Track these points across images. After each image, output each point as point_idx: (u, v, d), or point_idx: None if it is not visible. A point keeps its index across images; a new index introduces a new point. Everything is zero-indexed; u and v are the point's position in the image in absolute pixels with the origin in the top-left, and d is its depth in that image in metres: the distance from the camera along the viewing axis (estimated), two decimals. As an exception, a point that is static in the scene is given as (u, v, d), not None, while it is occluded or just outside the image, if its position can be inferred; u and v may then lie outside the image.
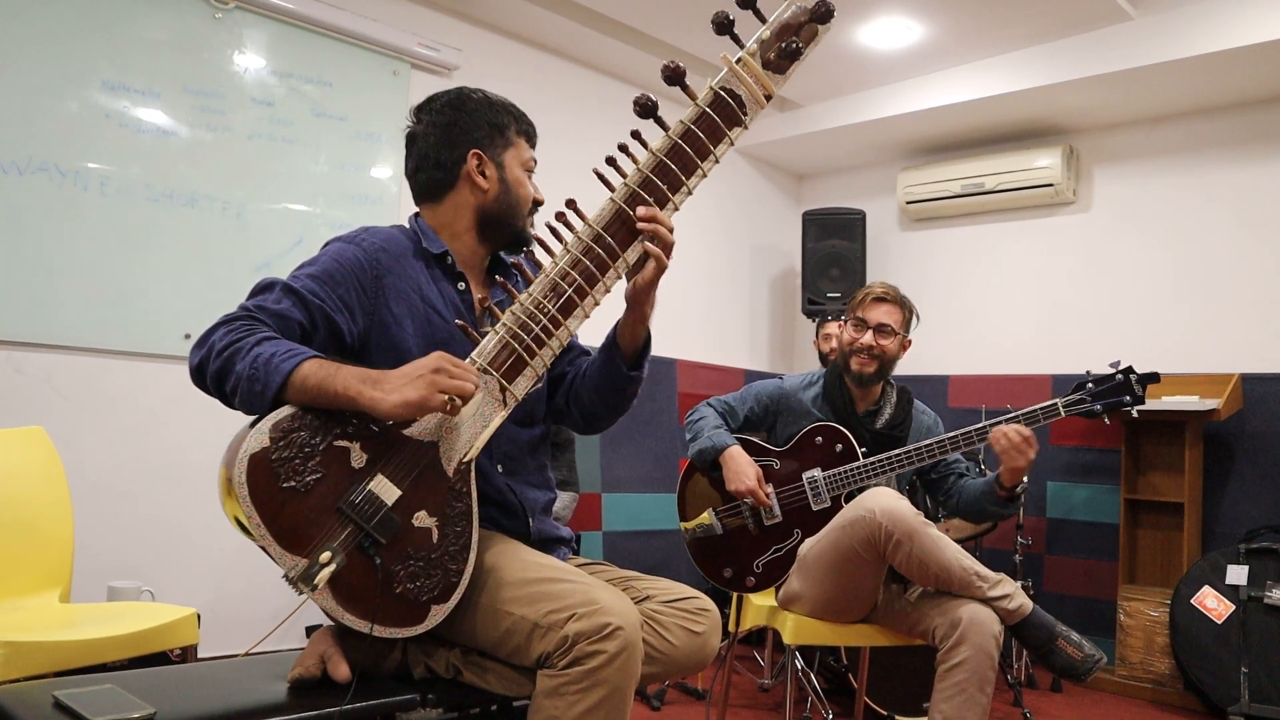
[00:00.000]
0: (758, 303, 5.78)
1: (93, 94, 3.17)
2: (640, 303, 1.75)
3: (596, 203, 1.68)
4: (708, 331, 5.38)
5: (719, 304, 5.50)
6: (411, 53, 3.96)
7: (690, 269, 5.24)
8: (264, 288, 1.63)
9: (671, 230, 1.67)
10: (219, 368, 1.50)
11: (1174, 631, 3.92)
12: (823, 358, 4.72)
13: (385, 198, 3.89)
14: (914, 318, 2.86)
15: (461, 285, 1.81)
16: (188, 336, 3.32)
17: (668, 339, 4.99)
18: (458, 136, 1.80)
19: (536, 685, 1.51)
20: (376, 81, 3.89)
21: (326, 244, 1.74)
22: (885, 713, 3.44)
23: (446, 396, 1.48)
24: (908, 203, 5.32)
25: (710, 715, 3.29)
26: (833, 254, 5.32)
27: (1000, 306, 5.13)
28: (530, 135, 1.87)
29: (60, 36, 3.11)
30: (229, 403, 1.53)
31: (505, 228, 1.82)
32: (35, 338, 3.05)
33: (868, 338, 2.76)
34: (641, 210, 1.64)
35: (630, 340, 1.82)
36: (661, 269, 1.69)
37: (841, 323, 2.91)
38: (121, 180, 3.22)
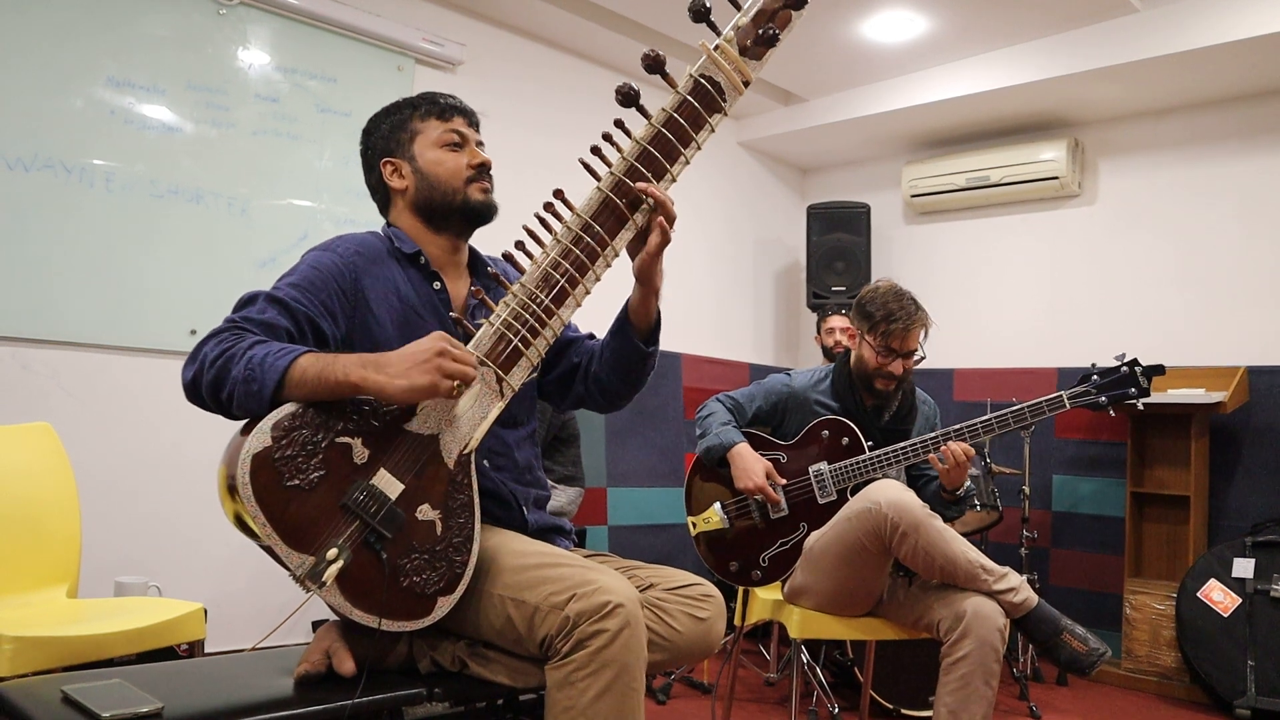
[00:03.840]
0: (762, 297, 5.78)
1: (97, 91, 3.18)
2: (649, 275, 1.76)
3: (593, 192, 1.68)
4: (712, 326, 5.38)
5: (723, 298, 5.49)
6: (416, 48, 3.95)
7: (694, 263, 5.24)
8: (247, 301, 1.64)
9: (672, 202, 1.68)
10: (213, 378, 1.50)
11: (1180, 625, 3.91)
12: (826, 352, 4.71)
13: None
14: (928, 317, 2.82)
15: (437, 285, 1.82)
16: (193, 332, 3.33)
17: (672, 333, 4.94)
18: (370, 159, 1.90)
19: (547, 680, 1.52)
20: (381, 77, 3.89)
21: (304, 254, 1.76)
22: (891, 706, 3.45)
23: (453, 382, 1.49)
24: (912, 196, 5.31)
25: (716, 709, 3.30)
26: (837, 248, 5.32)
27: (1005, 300, 5.12)
28: (440, 110, 1.85)
29: (65, 33, 3.11)
30: (227, 411, 1.53)
31: (442, 208, 1.82)
32: (41, 334, 3.06)
33: (897, 366, 2.74)
34: (640, 184, 1.65)
35: (644, 316, 1.82)
36: (665, 240, 1.70)
37: (855, 332, 2.83)
38: (126, 177, 3.23)
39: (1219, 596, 3.84)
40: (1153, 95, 4.52)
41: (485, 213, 1.84)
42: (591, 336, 1.99)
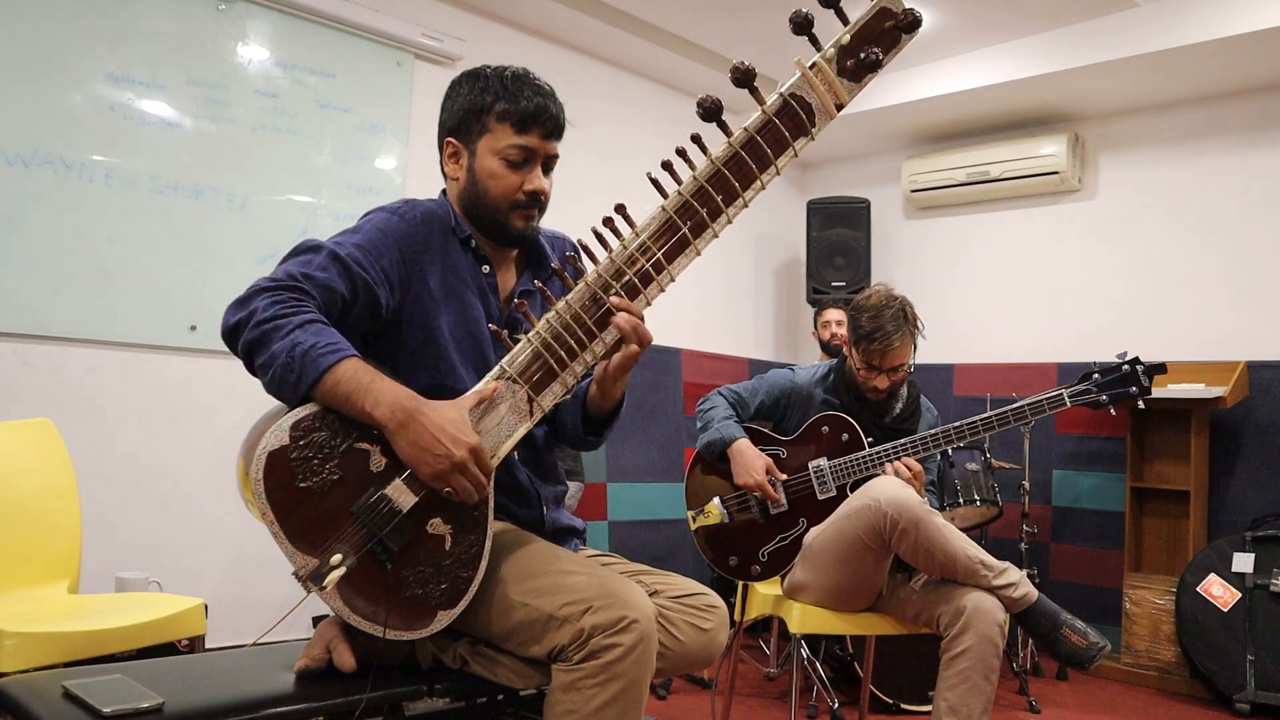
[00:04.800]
0: (762, 292, 5.78)
1: (97, 87, 3.17)
2: (609, 387, 1.73)
3: (614, 200, 1.61)
4: (712, 321, 5.37)
5: (724, 293, 5.49)
6: (415, 43, 3.95)
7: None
8: (309, 249, 1.59)
9: (642, 319, 1.59)
10: (255, 338, 1.47)
11: (1180, 619, 3.92)
12: (823, 345, 4.72)
13: (389, 188, 3.88)
14: (919, 329, 2.76)
15: (486, 269, 1.78)
16: (193, 328, 3.33)
17: (672, 329, 5.00)
18: (442, 122, 1.79)
19: (553, 680, 1.51)
20: (380, 72, 3.88)
21: (368, 213, 1.72)
22: (890, 701, 3.45)
23: (447, 489, 1.48)
24: (912, 191, 5.30)
25: (716, 704, 3.30)
26: (837, 243, 5.32)
27: (1005, 295, 5.12)
28: (519, 119, 1.69)
29: (64, 30, 3.11)
30: (254, 373, 1.51)
31: (483, 221, 1.75)
32: (41, 330, 3.06)
33: (882, 380, 2.71)
34: (615, 301, 1.56)
35: (597, 410, 1.79)
36: (631, 363, 1.64)
37: (848, 343, 2.79)
38: (126, 172, 3.22)
39: (1219, 591, 3.84)
40: (1153, 90, 4.51)
41: (520, 242, 1.79)
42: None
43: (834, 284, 5.26)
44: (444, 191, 1.83)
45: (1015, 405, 2.60)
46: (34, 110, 3.04)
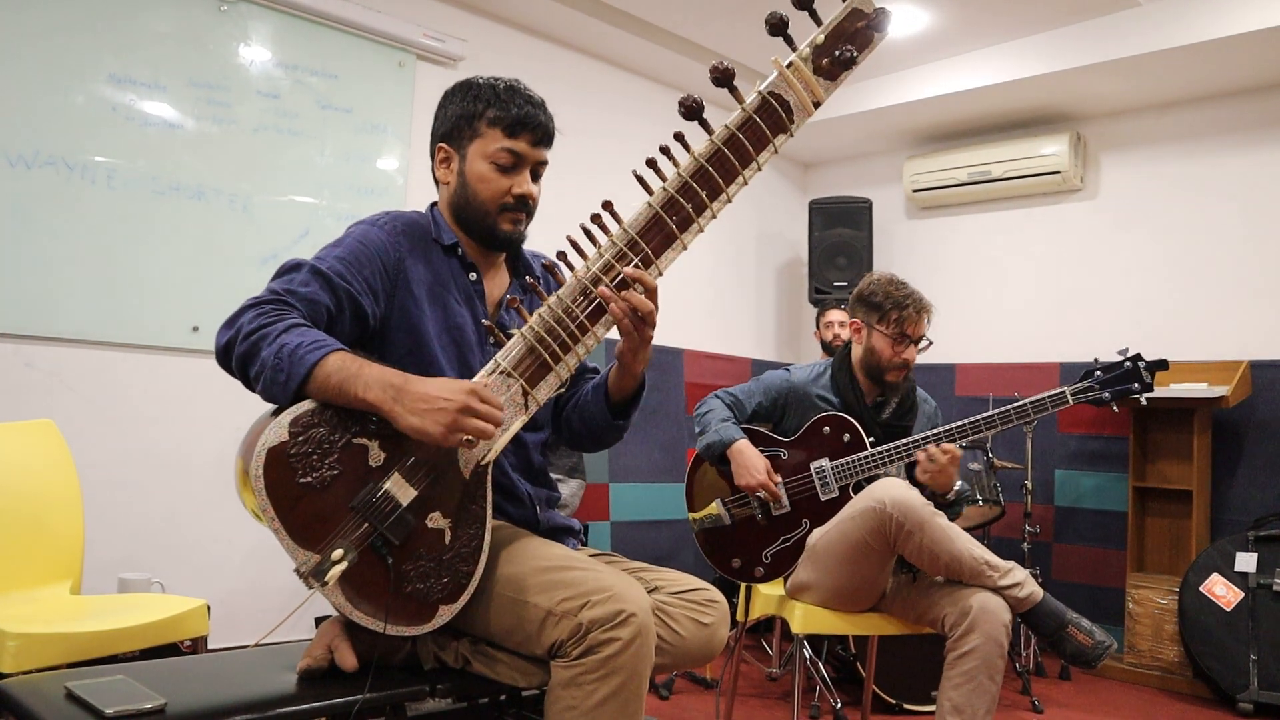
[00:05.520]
0: (764, 292, 5.78)
1: (99, 87, 3.18)
2: (629, 364, 1.74)
3: (616, 198, 1.63)
4: (714, 321, 5.37)
5: (725, 293, 5.49)
6: (417, 44, 3.95)
7: (696, 259, 5.23)
8: (291, 268, 1.63)
9: (654, 291, 1.60)
10: (244, 351, 1.49)
11: (1183, 619, 3.91)
12: (825, 346, 4.71)
13: (391, 189, 3.88)
14: None
15: (473, 275, 1.81)
16: (195, 329, 3.33)
17: (674, 329, 5.00)
18: (435, 129, 1.83)
19: (552, 676, 1.51)
20: (382, 73, 3.88)
21: (350, 227, 1.75)
22: (893, 701, 3.45)
23: (464, 436, 1.47)
24: (914, 191, 5.30)
25: (719, 704, 3.30)
26: (839, 243, 5.32)
27: (1007, 295, 5.12)
28: (509, 124, 1.75)
29: (66, 30, 3.11)
30: (251, 387, 1.53)
31: (472, 224, 1.79)
32: (44, 331, 3.06)
33: (911, 353, 2.73)
34: (630, 271, 1.59)
35: (619, 390, 1.81)
36: (638, 349, 1.66)
37: (859, 326, 2.82)
38: (128, 173, 3.23)
39: (1221, 591, 3.84)
40: (1155, 89, 4.51)
41: (508, 245, 1.82)
42: (597, 371, 1.95)
43: (836, 284, 5.27)
44: (433, 204, 1.87)
45: (1018, 403, 2.59)
46: (36, 111, 3.04)
